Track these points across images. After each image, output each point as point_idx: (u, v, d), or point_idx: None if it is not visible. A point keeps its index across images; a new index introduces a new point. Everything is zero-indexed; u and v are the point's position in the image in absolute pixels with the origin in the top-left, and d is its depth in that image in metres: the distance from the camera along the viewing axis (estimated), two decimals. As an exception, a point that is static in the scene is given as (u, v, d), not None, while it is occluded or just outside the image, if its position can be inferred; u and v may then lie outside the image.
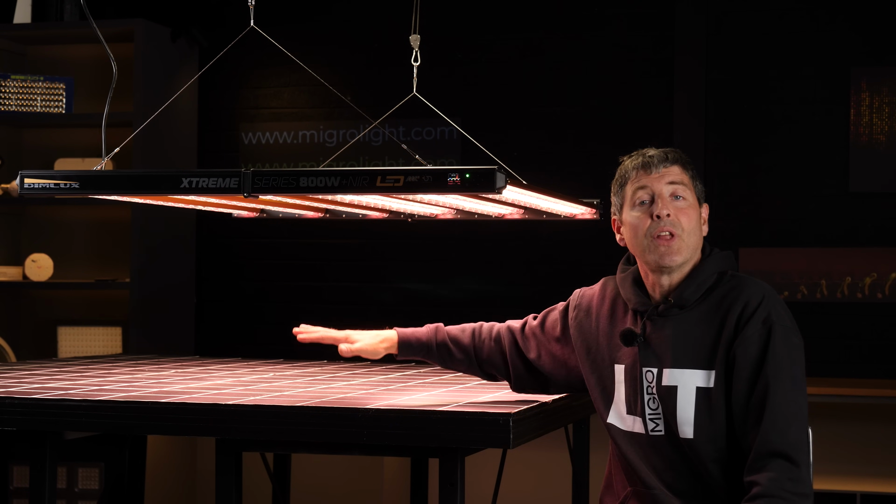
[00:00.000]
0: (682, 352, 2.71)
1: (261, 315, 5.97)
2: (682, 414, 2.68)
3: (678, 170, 2.77)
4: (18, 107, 5.67)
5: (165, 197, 3.35)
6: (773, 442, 2.58)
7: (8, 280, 5.70)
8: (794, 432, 2.59)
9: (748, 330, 2.66)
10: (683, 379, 2.70)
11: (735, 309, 2.69)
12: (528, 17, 5.69)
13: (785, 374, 2.63)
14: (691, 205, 2.76)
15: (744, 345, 2.65)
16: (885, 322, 5.25)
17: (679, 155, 2.80)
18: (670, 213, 2.72)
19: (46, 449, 2.97)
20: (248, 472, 3.23)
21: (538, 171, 5.21)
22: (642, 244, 2.74)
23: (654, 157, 2.76)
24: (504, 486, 4.29)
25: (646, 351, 2.75)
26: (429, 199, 3.32)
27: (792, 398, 2.61)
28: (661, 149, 2.80)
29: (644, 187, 2.75)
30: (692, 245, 2.75)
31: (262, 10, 3.52)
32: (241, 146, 5.98)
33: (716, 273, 2.76)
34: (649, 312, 2.75)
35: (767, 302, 2.68)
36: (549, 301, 3.14)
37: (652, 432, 2.74)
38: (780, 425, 2.59)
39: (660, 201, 2.73)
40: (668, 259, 2.72)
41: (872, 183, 5.27)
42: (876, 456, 5.15)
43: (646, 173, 2.75)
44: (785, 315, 2.69)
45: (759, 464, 2.58)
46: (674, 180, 2.75)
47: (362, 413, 2.72)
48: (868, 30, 5.32)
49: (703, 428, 2.67)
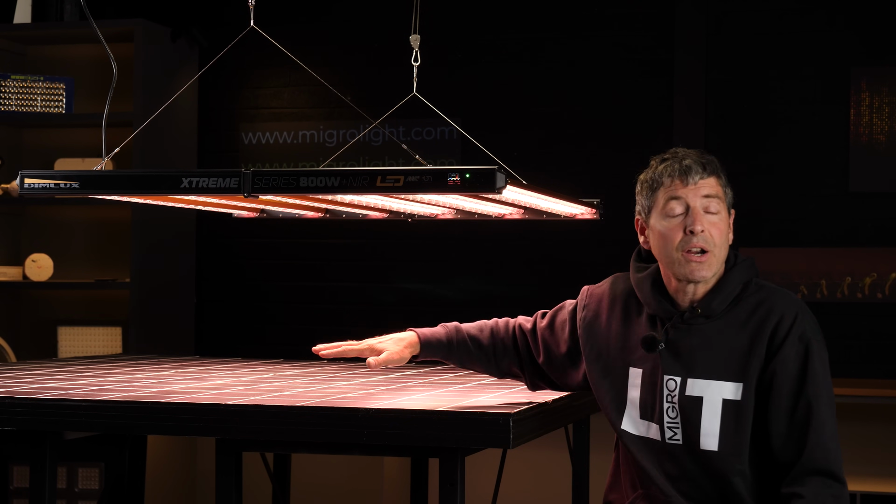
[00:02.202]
0: (709, 362, 2.68)
1: (261, 315, 5.97)
2: (706, 425, 2.67)
3: (714, 181, 2.71)
4: (18, 107, 5.67)
5: (165, 197, 3.35)
6: (818, 459, 2.61)
7: (8, 280, 5.70)
8: (836, 452, 2.63)
9: (787, 347, 2.65)
10: (709, 390, 2.67)
11: (769, 322, 2.67)
12: (528, 17, 5.69)
13: (824, 392, 2.65)
14: (723, 218, 2.72)
15: (784, 362, 2.65)
16: (885, 322, 5.25)
17: (715, 165, 2.73)
18: (704, 228, 2.67)
19: (46, 449, 2.97)
20: (248, 472, 3.23)
21: (538, 171, 5.20)
22: (671, 256, 2.70)
23: (692, 167, 2.69)
24: (504, 486, 4.29)
25: (668, 358, 2.71)
26: (429, 199, 3.32)
27: (830, 416, 2.65)
28: (697, 155, 2.72)
29: (678, 198, 2.69)
30: (721, 258, 2.72)
31: (262, 10, 3.52)
32: (241, 146, 5.98)
33: (741, 283, 2.73)
34: (674, 320, 2.72)
35: (802, 317, 2.68)
36: (549, 301, 3.14)
37: (669, 440, 2.71)
38: (824, 444, 2.62)
39: (694, 216, 2.68)
40: (698, 275, 2.69)
41: (872, 183, 5.27)
42: (876, 456, 5.15)
43: (682, 183, 2.69)
44: (817, 329, 2.71)
45: (804, 479, 2.61)
46: (709, 193, 2.69)
47: (362, 413, 2.72)
48: (868, 30, 5.32)
49: (728, 440, 2.66)
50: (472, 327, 3.01)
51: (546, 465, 5.18)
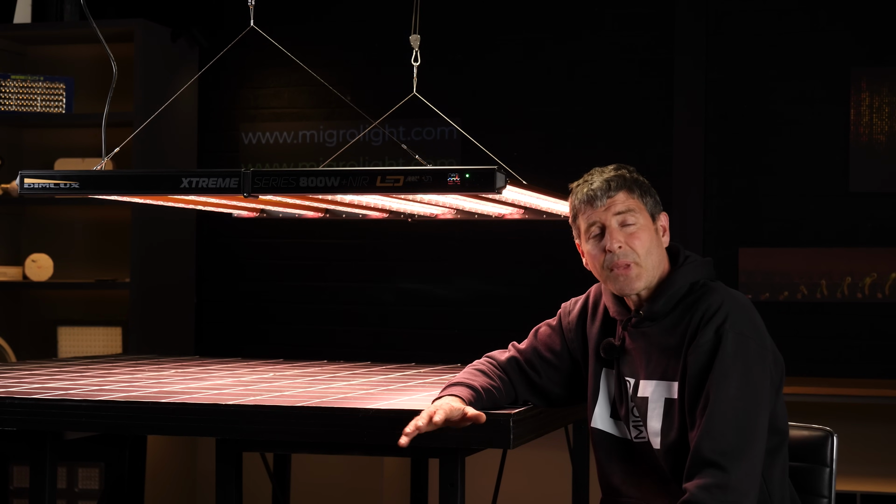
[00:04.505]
0: (652, 364, 2.72)
1: (261, 315, 5.97)
2: (652, 424, 2.70)
3: (623, 196, 2.74)
4: (18, 107, 5.67)
5: (165, 197, 3.35)
6: (704, 450, 2.54)
7: (8, 280, 5.70)
8: (730, 438, 2.54)
9: (700, 338, 2.64)
10: (653, 391, 2.71)
11: (695, 318, 2.67)
12: (528, 17, 5.69)
13: (731, 380, 2.58)
14: (643, 226, 2.73)
15: (695, 353, 2.63)
16: (885, 322, 5.25)
17: (621, 179, 2.75)
18: (621, 244, 2.71)
19: (46, 449, 2.97)
20: (248, 472, 3.23)
21: (538, 171, 5.21)
22: (603, 275, 2.76)
23: (597, 191, 2.74)
24: (504, 486, 4.29)
25: (624, 361, 2.77)
26: (429, 199, 3.32)
27: (735, 405, 2.57)
28: (606, 176, 2.76)
29: (594, 222, 2.75)
30: (652, 265, 2.73)
31: (262, 10, 3.52)
32: (241, 146, 5.98)
33: (687, 284, 2.74)
34: (625, 324, 2.77)
35: (725, 308, 2.65)
36: (549, 301, 3.14)
37: (636, 439, 2.75)
38: (715, 433, 2.55)
39: (609, 235, 2.72)
40: (627, 288, 2.72)
41: (872, 183, 5.27)
42: (876, 456, 5.15)
43: (591, 207, 2.74)
44: (744, 321, 2.65)
45: (692, 471, 2.56)
46: (619, 210, 2.73)
47: (362, 413, 2.72)
48: (868, 30, 5.32)
49: (667, 439, 2.68)
50: (479, 380, 2.85)
51: (546, 465, 5.18)
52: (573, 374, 2.92)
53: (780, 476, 2.74)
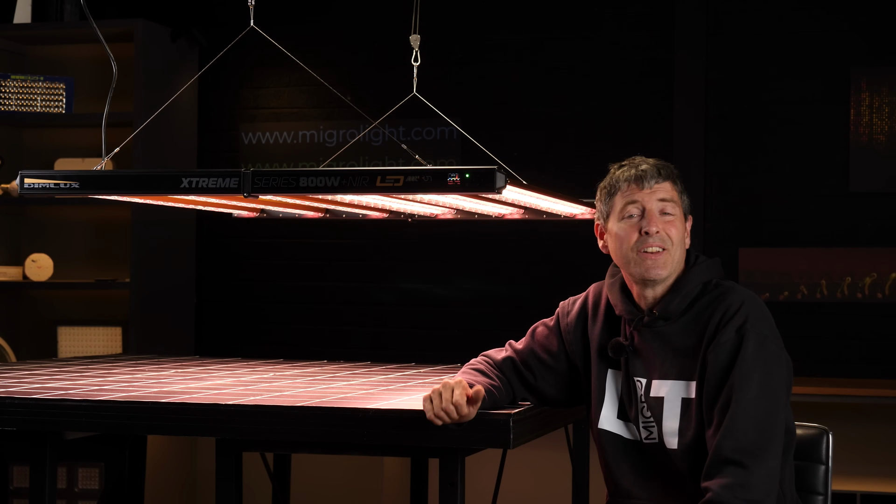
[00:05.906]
0: (668, 363, 2.71)
1: (261, 315, 5.97)
2: (668, 424, 2.69)
3: (669, 186, 2.77)
4: (18, 107, 5.67)
5: (165, 197, 3.35)
6: (726, 448, 2.55)
7: (8, 280, 5.70)
8: (752, 438, 2.56)
9: (721, 336, 2.65)
10: (669, 390, 2.70)
11: (715, 317, 2.68)
12: (527, 17, 5.69)
13: (753, 381, 2.60)
14: (678, 218, 2.77)
15: (715, 351, 2.64)
16: (885, 322, 5.25)
17: (671, 170, 2.79)
18: (659, 229, 2.73)
19: (46, 449, 2.97)
20: (248, 472, 3.23)
21: (538, 171, 5.21)
22: (627, 256, 2.75)
23: (647, 172, 2.76)
24: (504, 486, 4.29)
25: (634, 361, 2.76)
26: (429, 199, 3.32)
27: (757, 405, 2.58)
28: (653, 162, 2.79)
29: (634, 202, 2.75)
30: (678, 258, 2.75)
31: (261, 10, 3.52)
32: (241, 146, 5.98)
33: (701, 283, 2.75)
34: (636, 323, 2.76)
35: (746, 308, 2.66)
36: (550, 301, 3.14)
37: (646, 440, 2.74)
38: (737, 432, 2.56)
39: (650, 218, 2.74)
40: (653, 272, 2.73)
41: (872, 183, 5.27)
42: (876, 456, 5.15)
43: (638, 188, 2.75)
44: (763, 322, 2.66)
45: (713, 470, 2.56)
46: (664, 197, 2.76)
47: (362, 413, 2.72)
48: (868, 30, 5.32)
49: (684, 438, 2.68)
50: (482, 380, 2.84)
51: (546, 465, 5.18)
52: (569, 376, 2.91)
53: (790, 475, 2.75)
